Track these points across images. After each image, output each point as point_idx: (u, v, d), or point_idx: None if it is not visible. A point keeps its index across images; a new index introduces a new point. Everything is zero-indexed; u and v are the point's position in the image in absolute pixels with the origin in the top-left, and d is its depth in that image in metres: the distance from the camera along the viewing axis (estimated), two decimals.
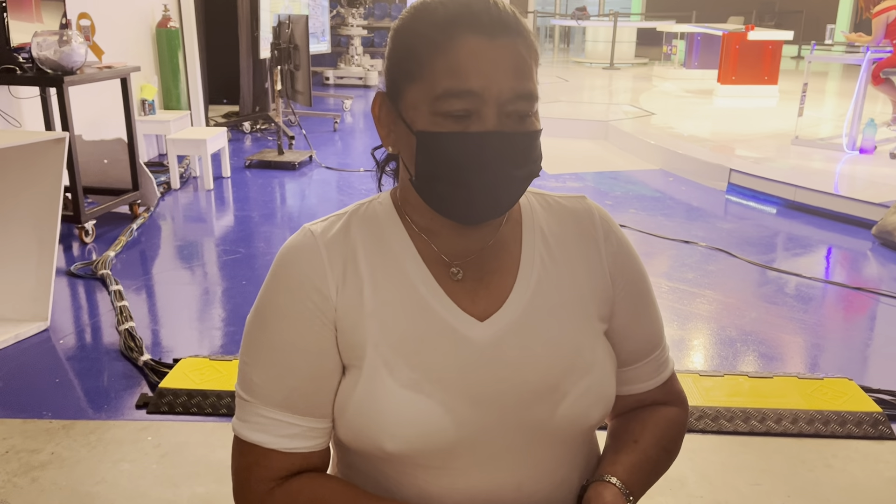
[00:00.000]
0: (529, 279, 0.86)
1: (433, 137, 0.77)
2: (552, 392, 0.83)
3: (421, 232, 0.86)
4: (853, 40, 6.35)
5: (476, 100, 0.76)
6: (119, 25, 5.16)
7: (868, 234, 4.06)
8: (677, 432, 0.97)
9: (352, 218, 0.87)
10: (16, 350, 2.65)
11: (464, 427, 0.81)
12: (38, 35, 3.52)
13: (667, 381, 0.98)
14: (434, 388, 0.81)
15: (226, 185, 5.10)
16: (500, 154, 0.76)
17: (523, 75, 0.77)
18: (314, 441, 0.84)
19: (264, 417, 0.83)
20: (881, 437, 2.19)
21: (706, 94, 8.96)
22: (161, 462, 2.04)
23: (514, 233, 0.89)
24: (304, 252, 0.83)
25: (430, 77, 0.77)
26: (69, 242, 3.79)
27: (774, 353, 2.76)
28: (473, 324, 0.83)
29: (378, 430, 0.80)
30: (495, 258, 0.87)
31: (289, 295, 0.82)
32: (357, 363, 0.82)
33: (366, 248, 0.85)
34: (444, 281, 0.84)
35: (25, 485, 1.93)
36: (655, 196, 4.99)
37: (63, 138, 2.81)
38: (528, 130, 0.79)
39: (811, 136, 6.06)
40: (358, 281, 0.83)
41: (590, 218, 0.92)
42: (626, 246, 0.93)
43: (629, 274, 0.92)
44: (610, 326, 0.91)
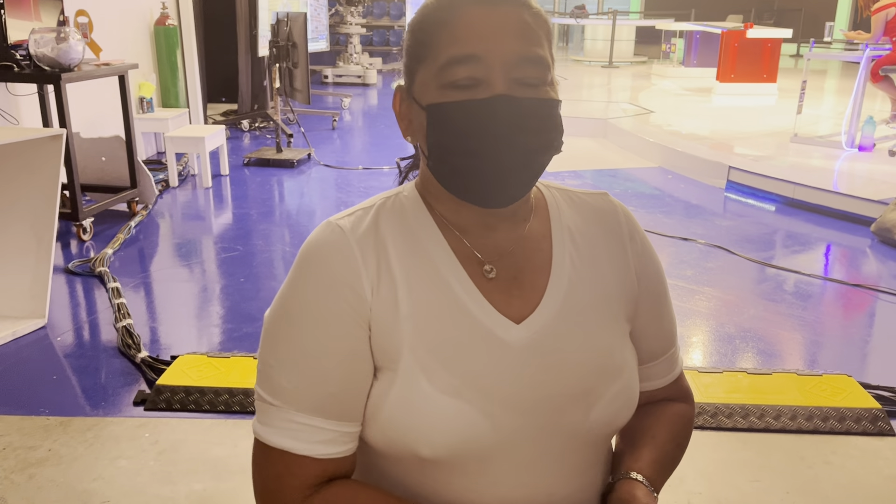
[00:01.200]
0: (562, 278, 0.84)
1: (440, 108, 0.75)
2: (586, 396, 0.82)
3: (452, 228, 0.83)
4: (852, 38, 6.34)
5: (481, 66, 0.74)
6: (117, 23, 5.15)
7: (867, 231, 4.06)
8: (687, 428, 0.97)
9: (380, 212, 0.83)
10: (13, 347, 2.65)
11: (501, 433, 0.79)
12: (35, 32, 3.52)
13: (677, 378, 0.98)
14: (472, 393, 0.77)
15: (224, 182, 5.09)
16: (511, 120, 0.73)
17: (529, 40, 0.75)
18: (347, 446, 0.80)
19: (295, 423, 0.78)
20: (880, 434, 2.18)
21: (705, 92, 8.96)
22: (159, 459, 2.03)
23: (543, 230, 0.86)
24: (336, 249, 0.79)
25: (436, 52, 0.76)
26: (67, 240, 3.78)
27: (773, 349, 2.76)
28: (510, 326, 0.80)
29: (415, 435, 0.77)
30: (527, 256, 0.84)
31: (321, 294, 0.78)
32: (391, 366, 0.79)
33: (397, 246, 0.81)
34: (478, 280, 0.81)
35: (23, 481, 1.93)
36: (654, 194, 4.99)
37: (60, 135, 2.80)
38: (540, 96, 0.76)
39: (810, 133, 6.06)
40: (392, 280, 0.79)
41: (615, 216, 0.90)
42: (648, 245, 0.92)
43: (651, 273, 0.91)
44: (633, 325, 0.90)
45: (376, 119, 7.99)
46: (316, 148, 6.04)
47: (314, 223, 4.30)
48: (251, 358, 2.54)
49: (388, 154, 6.03)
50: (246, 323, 2.89)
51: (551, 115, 0.77)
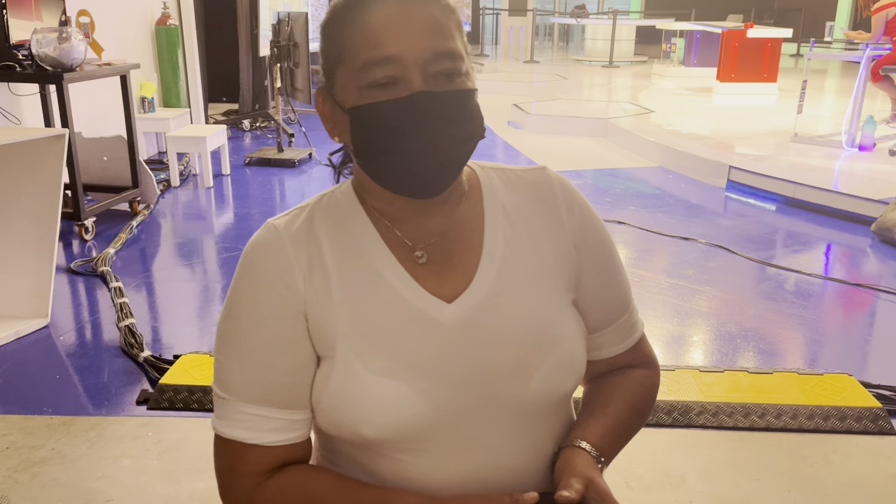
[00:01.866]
0: (494, 257, 0.87)
1: (362, 110, 0.78)
2: (524, 367, 0.84)
3: (383, 218, 0.86)
4: (852, 37, 6.35)
5: (397, 66, 0.76)
6: (118, 23, 5.16)
7: (867, 230, 4.06)
8: (648, 394, 0.99)
9: (314, 209, 0.87)
10: (16, 346, 2.65)
11: (440, 410, 0.82)
12: (37, 32, 3.52)
13: (636, 344, 0.99)
14: (407, 373, 0.81)
15: (225, 182, 5.10)
16: (432, 114, 0.76)
17: (441, 35, 0.78)
18: (296, 433, 0.85)
19: (244, 414, 0.83)
20: (881, 433, 2.19)
21: (705, 92, 8.96)
22: (161, 458, 2.04)
23: (476, 210, 0.89)
24: (269, 247, 0.84)
25: (352, 54, 0.78)
26: (69, 240, 3.79)
27: (774, 348, 2.76)
28: (442, 306, 0.84)
29: (355, 418, 0.81)
30: (458, 238, 0.87)
31: (257, 291, 0.83)
32: (330, 353, 0.83)
33: (330, 239, 0.85)
34: (409, 265, 0.85)
35: (26, 480, 1.93)
36: (655, 193, 4.99)
37: (63, 135, 2.81)
38: (458, 89, 0.79)
39: (810, 133, 6.07)
40: (324, 272, 0.83)
41: (550, 189, 0.92)
42: (589, 215, 0.93)
43: (593, 242, 0.92)
44: (577, 295, 0.92)
45: None
46: (317, 147, 6.05)
47: None
48: None
49: None
50: None
51: (470, 104, 0.80)
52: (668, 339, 2.84)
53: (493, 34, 16.96)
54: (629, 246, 3.91)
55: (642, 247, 3.89)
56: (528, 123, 7.12)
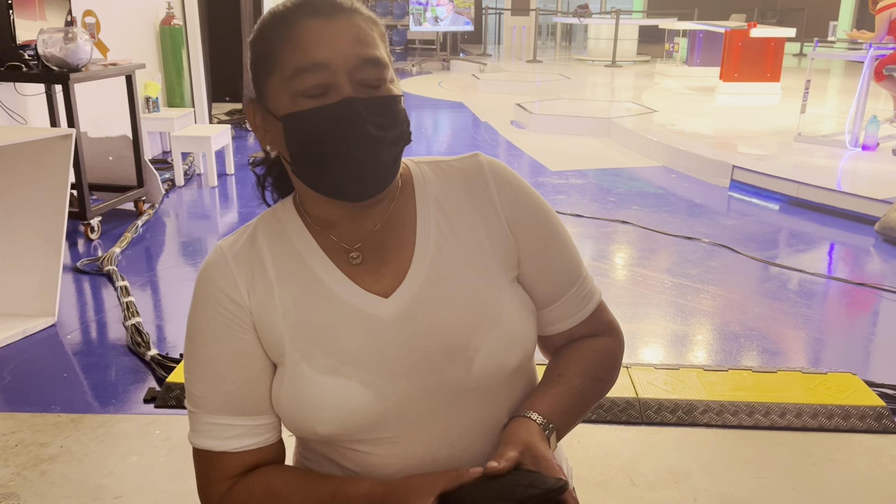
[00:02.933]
0: (427, 248, 0.90)
1: (294, 117, 0.81)
2: (464, 350, 0.87)
3: (318, 225, 0.90)
4: (855, 37, 6.34)
5: (325, 73, 0.80)
6: (123, 23, 5.17)
7: (871, 230, 4.07)
8: (606, 361, 0.99)
9: (257, 227, 0.92)
10: (24, 345, 2.67)
11: (386, 400, 0.86)
12: (43, 32, 3.54)
13: (593, 313, 1.00)
14: (351, 369, 0.85)
15: (230, 181, 5.11)
16: (361, 119, 0.80)
17: (366, 44, 0.82)
18: (260, 437, 0.89)
19: (209, 424, 0.88)
20: (885, 432, 2.20)
21: (708, 92, 8.96)
22: (169, 455, 2.05)
23: (408, 206, 0.92)
24: (215, 267, 0.89)
25: (281, 64, 0.82)
26: (75, 239, 3.81)
27: (778, 348, 2.77)
28: (379, 301, 0.87)
29: (307, 416, 0.85)
30: (391, 235, 0.90)
31: (207, 310, 0.88)
32: (281, 360, 0.87)
33: (271, 251, 0.89)
34: (345, 267, 0.89)
35: (35, 477, 1.95)
36: (658, 193, 5.00)
37: (70, 135, 2.83)
38: (384, 94, 0.82)
39: (814, 132, 6.07)
40: (267, 284, 0.88)
41: (481, 174, 0.94)
42: (521, 193, 0.95)
43: (528, 220, 0.94)
44: (521, 272, 0.94)
45: None
46: None
47: None
48: None
49: None
50: None
51: (396, 109, 0.84)
52: (672, 338, 2.85)
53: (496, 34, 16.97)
54: (632, 245, 3.92)
55: (646, 246, 3.90)
56: (531, 123, 7.13)
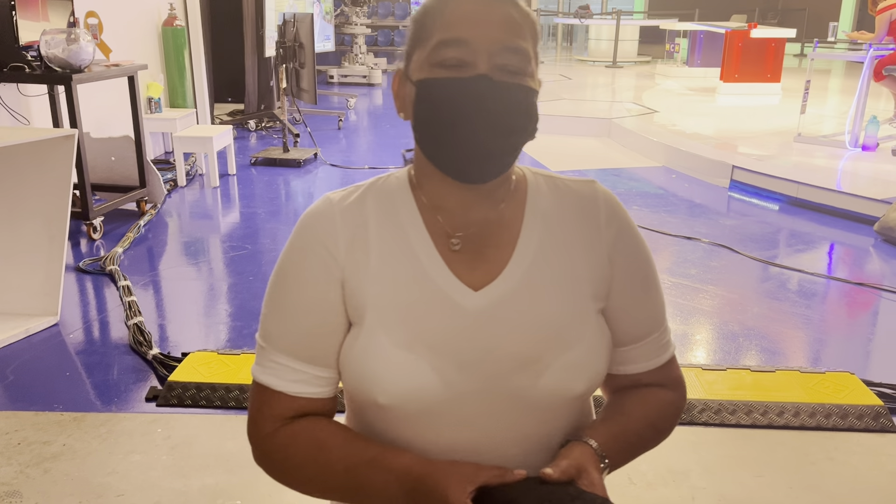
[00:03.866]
0: (525, 255, 0.91)
1: (428, 83, 0.84)
2: (535, 363, 0.88)
3: (429, 204, 0.91)
4: (855, 38, 6.35)
5: (467, 49, 0.82)
6: (126, 24, 5.19)
7: (870, 230, 4.08)
8: (669, 413, 1.00)
9: (369, 190, 0.94)
10: (26, 344, 2.69)
11: (449, 388, 0.87)
12: (46, 33, 3.55)
13: (664, 364, 1.00)
14: (424, 349, 0.87)
15: (231, 182, 5.13)
16: (489, 99, 0.82)
17: (513, 32, 0.84)
18: (318, 388, 0.91)
19: (275, 363, 0.91)
20: (883, 430, 2.21)
21: (709, 92, 8.97)
22: (171, 454, 2.07)
23: (517, 212, 0.93)
24: (320, 216, 0.91)
25: (430, 36, 0.85)
26: (77, 239, 3.83)
27: (777, 347, 2.78)
28: (467, 292, 0.89)
29: (371, 383, 0.87)
30: (495, 232, 0.91)
31: (302, 255, 0.91)
32: (359, 321, 0.89)
33: (377, 218, 0.91)
34: (444, 251, 0.90)
35: (38, 475, 1.96)
36: (658, 193, 5.01)
37: (72, 135, 2.84)
38: (518, 83, 0.84)
39: (814, 133, 6.08)
40: (365, 247, 0.89)
41: (594, 201, 0.95)
42: (629, 230, 0.96)
43: (629, 257, 0.95)
44: (607, 306, 0.95)
45: (381, 119, 8.02)
46: (322, 147, 6.08)
47: None
48: None
49: (393, 153, 6.07)
50: (255, 320, 2.91)
51: (526, 100, 0.85)
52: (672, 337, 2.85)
53: None
54: None
55: None
56: None
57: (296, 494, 0.96)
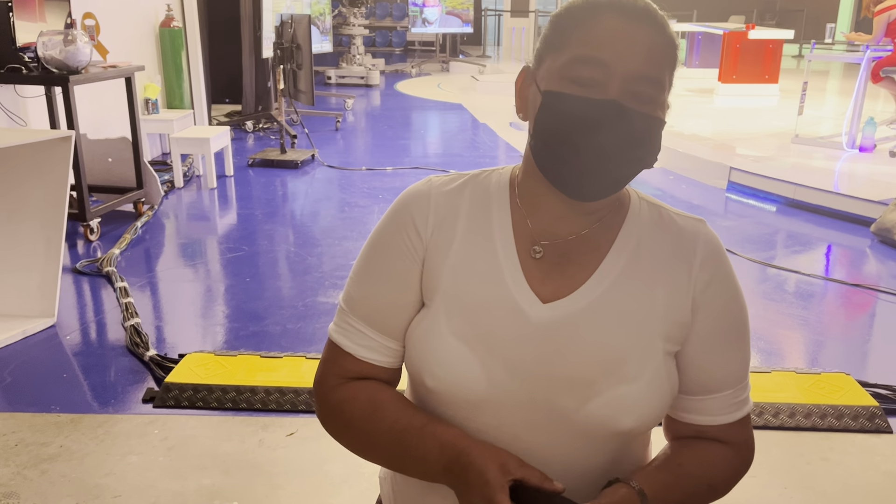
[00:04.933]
0: (605, 278, 0.89)
1: (557, 96, 0.82)
2: (586, 387, 0.86)
3: (524, 208, 0.92)
4: (853, 39, 6.36)
5: (603, 70, 0.81)
6: (123, 25, 5.19)
7: (867, 231, 4.08)
8: (729, 476, 0.96)
9: (469, 181, 0.95)
10: (23, 346, 2.69)
11: (495, 388, 0.88)
12: (43, 35, 3.56)
13: (734, 423, 0.95)
14: (478, 346, 0.88)
15: (229, 183, 5.13)
16: (614, 124, 0.80)
17: (654, 62, 0.82)
18: (383, 357, 0.95)
19: (351, 326, 0.95)
20: (878, 431, 2.22)
21: (707, 93, 8.98)
22: (168, 455, 2.07)
23: (610, 232, 0.91)
24: (418, 197, 0.94)
25: (568, 47, 0.83)
26: (74, 240, 3.83)
27: (773, 348, 2.79)
28: (535, 303, 0.88)
29: (424, 364, 0.90)
30: (580, 249, 0.90)
31: (394, 229, 0.94)
32: (429, 303, 0.92)
33: (469, 211, 0.93)
34: (524, 257, 0.90)
35: (35, 477, 1.97)
36: (656, 194, 4.97)
37: (69, 137, 2.84)
38: (647, 112, 0.82)
39: (811, 134, 6.09)
40: (452, 234, 0.91)
41: (693, 241, 0.92)
42: (724, 280, 0.92)
43: (717, 308, 0.91)
44: (682, 351, 0.92)
45: (379, 120, 8.02)
46: (319, 149, 6.08)
47: (318, 223, 4.34)
48: (258, 356, 2.57)
49: (390, 155, 6.07)
50: (252, 322, 2.92)
51: (651, 132, 0.84)
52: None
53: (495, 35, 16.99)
54: None
55: None
56: None
57: (292, 495, 0.96)
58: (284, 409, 2.28)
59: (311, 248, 3.82)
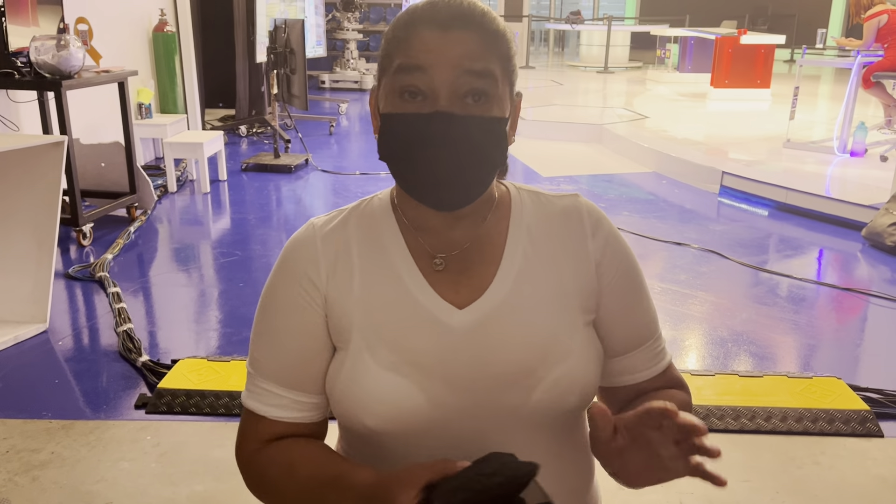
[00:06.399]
0: (510, 271, 0.91)
1: (390, 118, 0.84)
2: (526, 378, 0.87)
3: (411, 226, 0.92)
4: (843, 44, 6.41)
5: (425, 77, 0.81)
6: (116, 30, 5.18)
7: (858, 235, 4.11)
8: (685, 406, 0.98)
9: (352, 213, 0.95)
10: (15, 351, 2.68)
11: (439, 408, 0.87)
12: (36, 39, 3.55)
13: (665, 370, 1.00)
14: (411, 370, 0.87)
15: (222, 188, 5.13)
16: (447, 136, 0.81)
17: (475, 56, 0.81)
18: (300, 413, 0.92)
19: (259, 388, 0.92)
20: (869, 435, 2.23)
21: (699, 98, 9.02)
22: (160, 461, 2.06)
23: (500, 227, 0.93)
24: (302, 244, 0.92)
25: (393, 61, 0.84)
26: (67, 245, 3.81)
27: (765, 352, 2.80)
28: (452, 311, 0.89)
29: (359, 406, 0.87)
30: (478, 251, 0.92)
31: (284, 283, 0.92)
32: (344, 346, 0.90)
33: (360, 241, 0.92)
34: (427, 272, 0.90)
35: (26, 483, 1.96)
36: (649, 199, 5.03)
37: (62, 142, 2.84)
38: (481, 115, 0.82)
39: (803, 139, 6.12)
40: (348, 270, 0.90)
41: (578, 214, 0.95)
42: (615, 241, 0.96)
43: (617, 267, 0.95)
44: (598, 317, 0.95)
45: None
46: (313, 153, 6.08)
47: None
48: None
49: None
50: (245, 327, 2.92)
51: (489, 131, 0.83)
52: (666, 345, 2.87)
53: None
54: None
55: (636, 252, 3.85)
56: (524, 129, 7.15)
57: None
58: None
59: None
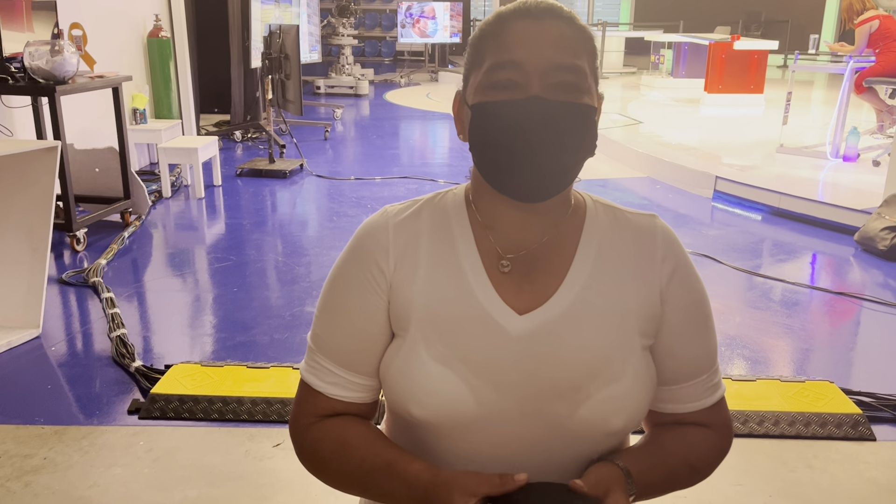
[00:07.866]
0: (575, 284, 0.91)
1: (482, 107, 0.85)
2: (574, 392, 0.88)
3: (484, 223, 0.93)
4: (836, 50, 6.44)
5: (519, 71, 0.83)
6: (111, 35, 5.18)
7: (851, 240, 4.12)
8: (712, 457, 0.98)
9: (426, 205, 0.96)
10: (8, 357, 2.67)
11: (484, 408, 0.88)
12: (30, 45, 3.55)
13: (711, 406, 0.98)
14: (462, 367, 0.88)
15: (217, 193, 5.12)
16: (542, 120, 0.82)
17: (567, 50, 0.84)
18: (353, 393, 0.95)
19: (319, 364, 0.95)
20: (861, 439, 2.23)
21: (693, 103, 9.05)
22: (153, 466, 2.06)
23: (572, 237, 0.93)
24: (375, 229, 0.94)
25: (484, 60, 0.86)
26: (60, 251, 3.81)
27: (758, 356, 2.81)
28: (511, 315, 0.89)
29: (408, 395, 0.89)
30: (546, 258, 0.92)
31: (353, 265, 0.94)
32: (402, 333, 0.92)
33: (430, 234, 0.93)
34: (492, 273, 0.91)
35: (19, 489, 1.95)
36: (643, 203, 5.04)
37: (55, 147, 2.84)
38: (572, 100, 0.84)
39: (796, 144, 6.14)
40: (415, 260, 0.92)
41: (651, 235, 0.95)
42: (684, 270, 0.95)
43: (682, 298, 0.94)
44: (655, 343, 0.94)
45: (368, 130, 8.03)
46: (308, 158, 6.08)
47: (307, 233, 4.34)
48: (244, 367, 2.57)
49: (379, 164, 6.08)
50: (239, 332, 2.92)
51: (582, 118, 0.85)
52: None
53: None
54: None
55: None
56: None
57: None
58: (271, 420, 2.28)
59: (299, 258, 3.82)
